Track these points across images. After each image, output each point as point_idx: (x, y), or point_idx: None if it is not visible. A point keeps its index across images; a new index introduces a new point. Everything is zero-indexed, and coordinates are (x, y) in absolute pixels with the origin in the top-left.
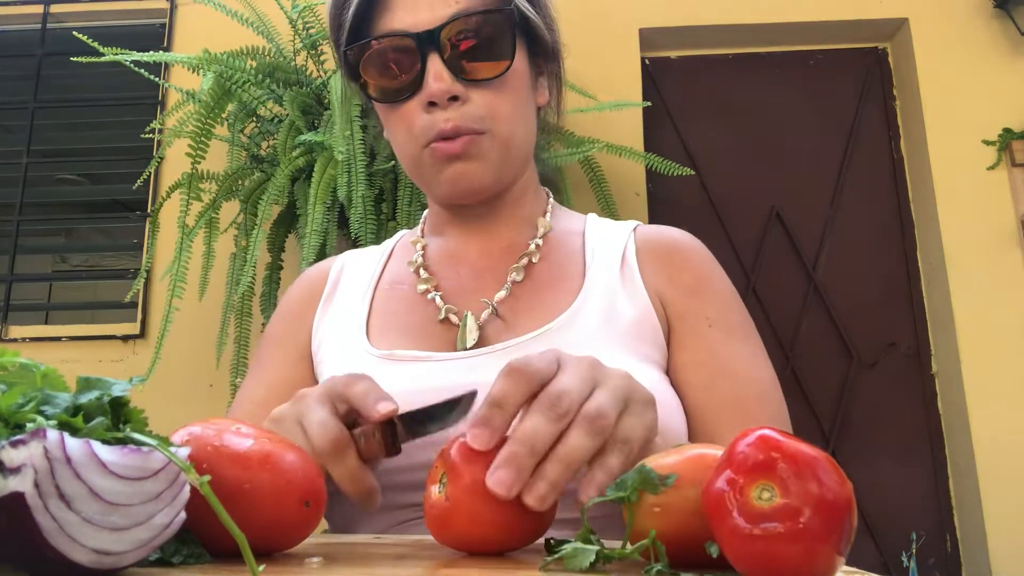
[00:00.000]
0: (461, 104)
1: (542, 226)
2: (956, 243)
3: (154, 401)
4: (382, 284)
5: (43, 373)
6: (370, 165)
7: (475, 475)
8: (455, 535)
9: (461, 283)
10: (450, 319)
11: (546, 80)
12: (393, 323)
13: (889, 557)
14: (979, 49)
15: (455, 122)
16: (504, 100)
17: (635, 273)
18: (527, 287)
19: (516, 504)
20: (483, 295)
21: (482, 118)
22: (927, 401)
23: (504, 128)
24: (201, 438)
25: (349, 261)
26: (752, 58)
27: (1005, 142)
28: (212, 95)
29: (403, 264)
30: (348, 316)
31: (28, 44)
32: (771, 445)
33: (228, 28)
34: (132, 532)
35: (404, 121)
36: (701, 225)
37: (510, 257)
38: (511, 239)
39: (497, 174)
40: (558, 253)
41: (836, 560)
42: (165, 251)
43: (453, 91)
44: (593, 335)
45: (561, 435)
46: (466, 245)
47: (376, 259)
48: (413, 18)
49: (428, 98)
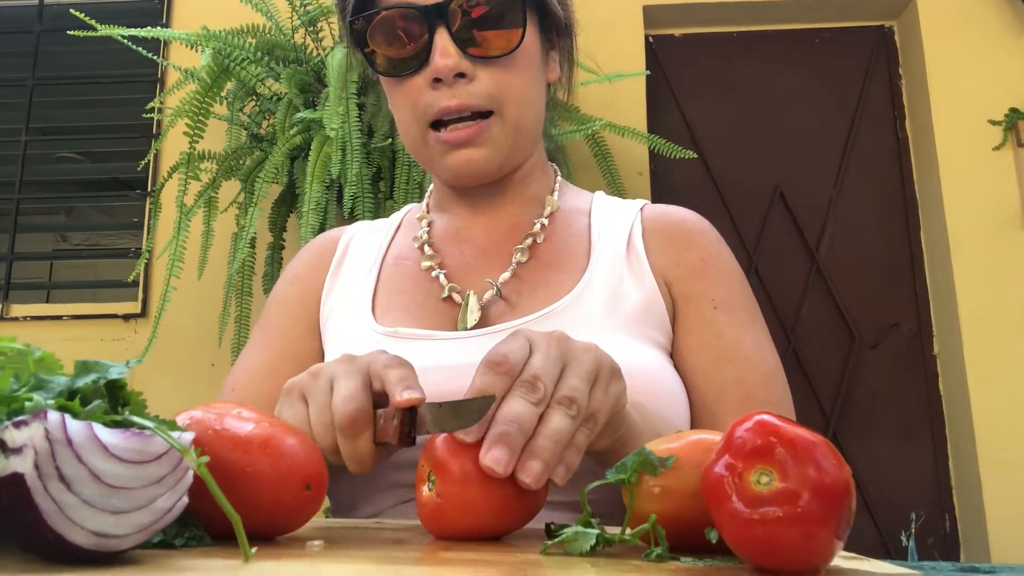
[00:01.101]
0: (468, 82)
1: (549, 205)
2: (960, 224)
3: (155, 380)
4: (388, 259)
5: (39, 358)
6: (367, 143)
7: (463, 467)
8: (451, 528)
9: (465, 261)
10: (453, 298)
11: (557, 55)
12: (397, 301)
13: (888, 537)
14: (986, 28)
15: (460, 99)
16: (514, 78)
17: (641, 255)
18: (531, 267)
19: (507, 490)
20: (487, 275)
21: (491, 96)
22: (928, 382)
23: (513, 109)
24: (202, 422)
25: (358, 232)
26: (757, 36)
27: (1011, 122)
28: (210, 73)
29: (409, 239)
30: (355, 290)
31: (26, 20)
32: (769, 430)
33: (226, 5)
34: (133, 515)
35: (408, 97)
36: (704, 204)
37: (515, 236)
38: (517, 217)
39: (504, 157)
40: (564, 233)
41: (835, 544)
42: (166, 230)
43: (460, 68)
44: (597, 317)
45: (541, 417)
46: (471, 223)
47: (384, 233)
48: None
49: (434, 74)
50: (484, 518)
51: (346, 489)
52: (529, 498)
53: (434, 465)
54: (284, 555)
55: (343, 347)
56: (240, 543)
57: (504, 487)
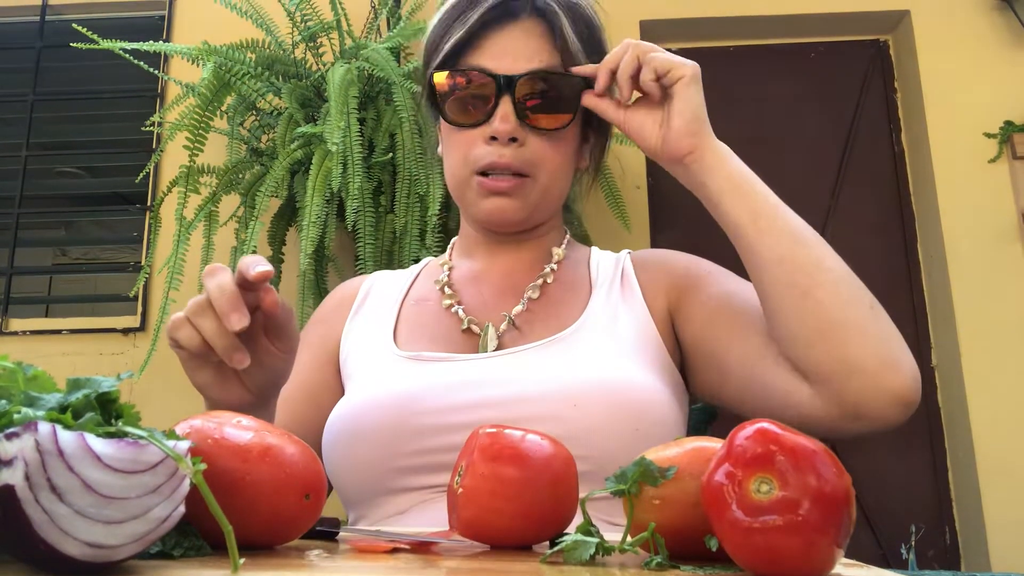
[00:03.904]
0: (517, 146)
1: (556, 255)
2: (957, 236)
3: (154, 394)
4: (408, 300)
5: (32, 376)
6: (368, 157)
7: (491, 468)
8: (466, 522)
9: (483, 300)
10: (472, 329)
11: (589, 149)
12: (419, 332)
13: (888, 549)
14: (981, 42)
15: (508, 160)
16: (553, 153)
17: (633, 283)
18: (541, 303)
19: (530, 497)
20: (502, 310)
21: (532, 163)
22: (927, 394)
23: (546, 177)
24: (202, 431)
25: (379, 279)
26: (752, 50)
27: (1006, 135)
28: (210, 87)
29: (429, 283)
30: (376, 328)
31: (27, 37)
32: (769, 438)
33: (227, 21)
34: (128, 526)
35: (463, 146)
36: (701, 218)
37: (527, 279)
38: (531, 264)
39: (529, 213)
40: (569, 276)
41: (835, 552)
42: (166, 245)
43: (515, 133)
44: (598, 342)
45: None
46: (490, 267)
47: (403, 280)
48: (498, 63)
49: (492, 133)
50: (503, 521)
51: (368, 488)
52: (552, 511)
53: (467, 462)
54: (282, 565)
55: (365, 371)
56: (230, 553)
57: (528, 495)
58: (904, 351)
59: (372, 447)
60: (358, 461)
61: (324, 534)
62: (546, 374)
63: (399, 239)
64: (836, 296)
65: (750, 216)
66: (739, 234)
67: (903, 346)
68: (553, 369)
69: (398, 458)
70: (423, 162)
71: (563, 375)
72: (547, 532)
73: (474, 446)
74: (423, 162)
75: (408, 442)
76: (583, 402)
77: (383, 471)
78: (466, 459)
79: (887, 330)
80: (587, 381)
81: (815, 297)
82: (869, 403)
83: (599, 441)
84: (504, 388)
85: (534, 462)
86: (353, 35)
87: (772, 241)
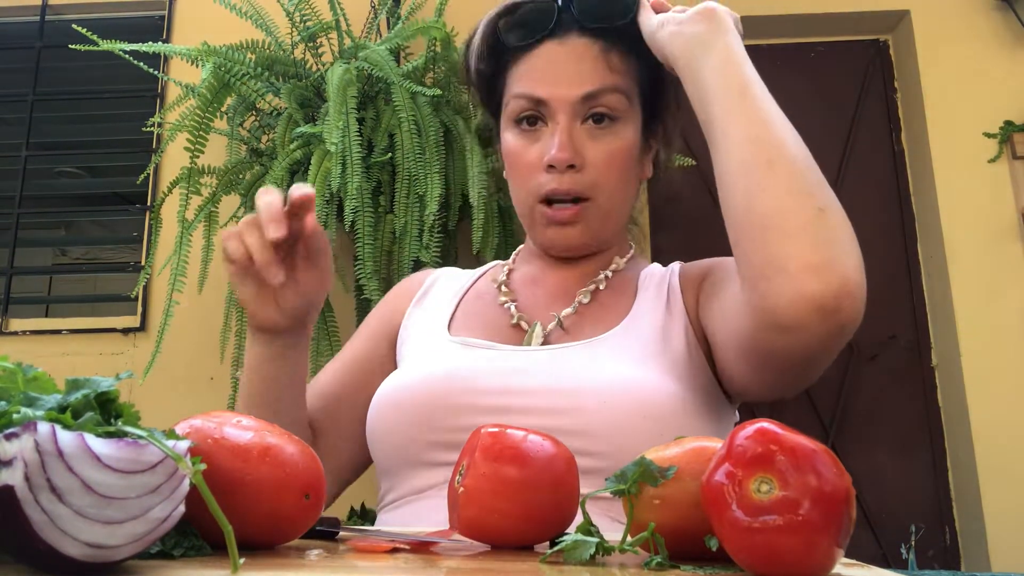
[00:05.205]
0: (576, 171)
1: (615, 264)
2: (957, 236)
3: (156, 395)
4: (468, 295)
5: (32, 377)
6: (367, 157)
7: (493, 468)
8: (466, 522)
9: (536, 301)
10: (521, 325)
11: (652, 156)
12: (472, 322)
13: (888, 549)
14: (980, 41)
15: (568, 186)
16: (612, 174)
17: (677, 296)
18: (591, 307)
19: (531, 497)
20: (552, 311)
21: (592, 186)
22: (927, 394)
23: (606, 200)
24: (201, 431)
25: (443, 274)
26: (752, 50)
27: (1006, 135)
28: (210, 88)
29: (489, 282)
30: (435, 315)
31: (27, 36)
32: (770, 438)
33: (227, 21)
34: (127, 526)
35: (525, 175)
36: (701, 216)
37: (582, 284)
38: (590, 274)
39: (593, 237)
40: (620, 283)
41: (835, 552)
42: (166, 245)
43: (572, 161)
44: (636, 348)
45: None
46: (547, 273)
47: (467, 277)
48: (553, 88)
49: (550, 161)
50: (503, 521)
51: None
52: (552, 512)
53: (469, 460)
54: (282, 565)
55: (417, 351)
56: (230, 553)
57: (530, 491)
58: (844, 261)
59: (410, 419)
60: (395, 431)
61: (324, 534)
62: (579, 370)
63: (398, 239)
64: (781, 186)
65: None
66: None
67: (846, 257)
68: (586, 367)
69: (432, 432)
70: (422, 162)
71: (594, 373)
72: (548, 532)
73: (475, 446)
74: (422, 162)
75: (443, 418)
76: (610, 400)
77: (417, 443)
78: (467, 458)
79: (829, 236)
80: (613, 381)
81: (762, 184)
82: (785, 308)
83: (621, 440)
84: (536, 379)
85: (535, 462)
86: (352, 35)
87: (747, 120)
